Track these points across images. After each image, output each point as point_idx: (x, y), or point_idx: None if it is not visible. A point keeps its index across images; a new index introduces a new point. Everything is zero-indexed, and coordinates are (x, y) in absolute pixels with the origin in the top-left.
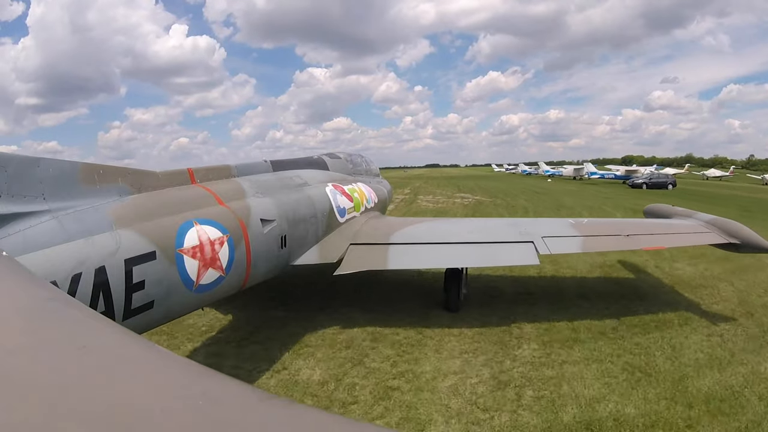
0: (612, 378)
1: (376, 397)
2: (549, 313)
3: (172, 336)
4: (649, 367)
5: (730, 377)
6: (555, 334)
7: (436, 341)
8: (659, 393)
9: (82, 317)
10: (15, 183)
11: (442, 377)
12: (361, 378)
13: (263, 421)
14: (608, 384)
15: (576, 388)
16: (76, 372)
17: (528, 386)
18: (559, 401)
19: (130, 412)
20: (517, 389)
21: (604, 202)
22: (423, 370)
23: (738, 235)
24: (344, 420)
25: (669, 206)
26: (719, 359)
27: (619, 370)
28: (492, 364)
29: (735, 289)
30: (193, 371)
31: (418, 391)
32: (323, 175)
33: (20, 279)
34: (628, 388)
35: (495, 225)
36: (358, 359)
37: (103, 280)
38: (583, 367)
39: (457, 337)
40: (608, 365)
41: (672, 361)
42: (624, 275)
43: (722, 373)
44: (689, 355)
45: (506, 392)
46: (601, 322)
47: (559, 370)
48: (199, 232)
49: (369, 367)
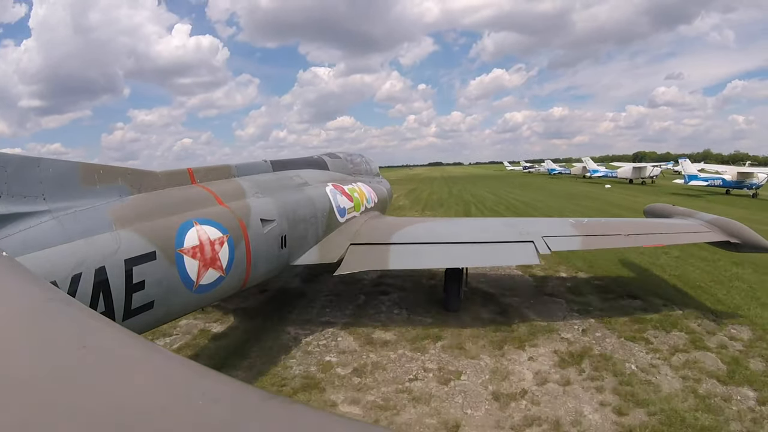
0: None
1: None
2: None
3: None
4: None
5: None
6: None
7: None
8: None
9: (82, 317)
10: (15, 183)
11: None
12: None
13: (263, 421)
14: None
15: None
16: (76, 372)
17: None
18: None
19: (130, 412)
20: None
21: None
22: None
23: (738, 235)
24: (344, 420)
25: (670, 206)
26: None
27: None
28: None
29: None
30: (193, 371)
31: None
32: (323, 175)
33: (20, 279)
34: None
35: (495, 225)
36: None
37: (103, 280)
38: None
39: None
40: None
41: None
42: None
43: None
44: None
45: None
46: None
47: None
48: (199, 232)
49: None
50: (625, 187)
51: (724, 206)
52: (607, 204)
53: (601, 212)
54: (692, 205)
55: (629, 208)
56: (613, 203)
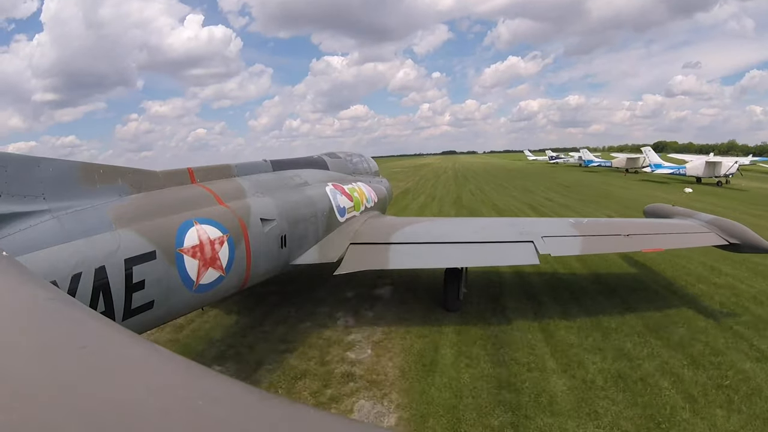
0: None
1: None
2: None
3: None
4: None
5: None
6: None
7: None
8: None
9: (82, 317)
10: (15, 183)
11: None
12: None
13: (263, 421)
14: None
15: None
16: (76, 372)
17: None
18: None
19: (130, 412)
20: None
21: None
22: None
23: (738, 236)
24: (344, 420)
25: (669, 206)
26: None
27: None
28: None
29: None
30: (193, 371)
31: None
32: (323, 175)
33: (20, 279)
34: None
35: (495, 225)
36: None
37: (103, 279)
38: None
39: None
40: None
41: None
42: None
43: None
44: None
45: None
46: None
47: None
48: (199, 232)
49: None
50: (717, 194)
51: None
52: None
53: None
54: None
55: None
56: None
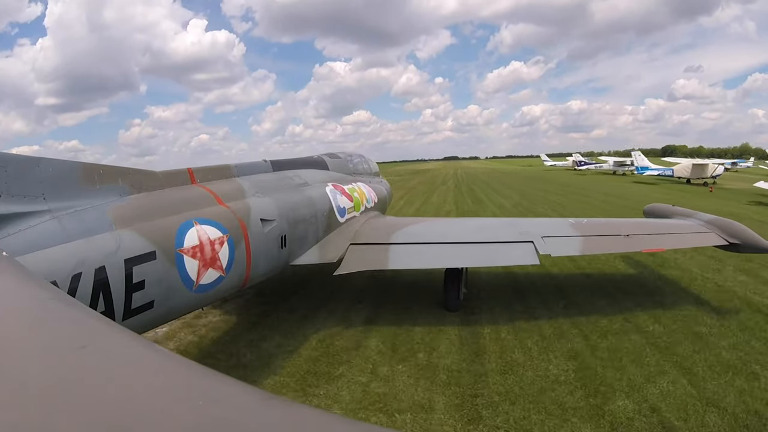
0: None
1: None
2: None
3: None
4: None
5: None
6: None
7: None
8: None
9: (82, 317)
10: (15, 183)
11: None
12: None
13: (263, 421)
14: None
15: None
16: (76, 372)
17: None
18: None
19: (130, 412)
20: None
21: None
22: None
23: (738, 236)
24: (345, 420)
25: (669, 206)
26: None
27: None
28: None
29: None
30: (193, 371)
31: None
32: (323, 175)
33: (20, 279)
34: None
35: (495, 225)
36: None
37: (103, 280)
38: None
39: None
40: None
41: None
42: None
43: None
44: None
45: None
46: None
47: None
48: (199, 232)
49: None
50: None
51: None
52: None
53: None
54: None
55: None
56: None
